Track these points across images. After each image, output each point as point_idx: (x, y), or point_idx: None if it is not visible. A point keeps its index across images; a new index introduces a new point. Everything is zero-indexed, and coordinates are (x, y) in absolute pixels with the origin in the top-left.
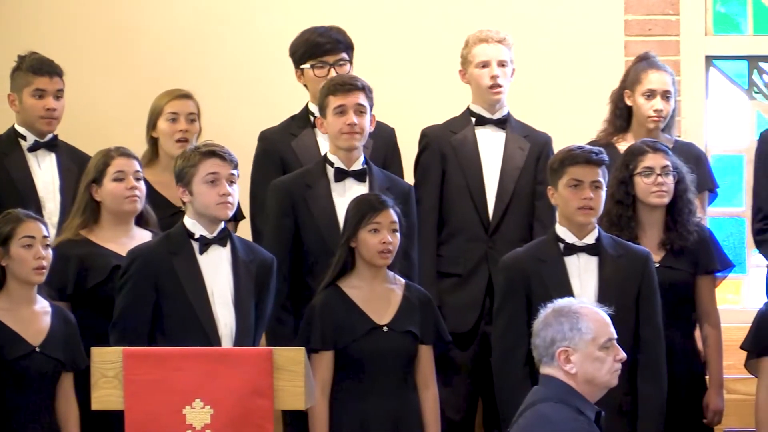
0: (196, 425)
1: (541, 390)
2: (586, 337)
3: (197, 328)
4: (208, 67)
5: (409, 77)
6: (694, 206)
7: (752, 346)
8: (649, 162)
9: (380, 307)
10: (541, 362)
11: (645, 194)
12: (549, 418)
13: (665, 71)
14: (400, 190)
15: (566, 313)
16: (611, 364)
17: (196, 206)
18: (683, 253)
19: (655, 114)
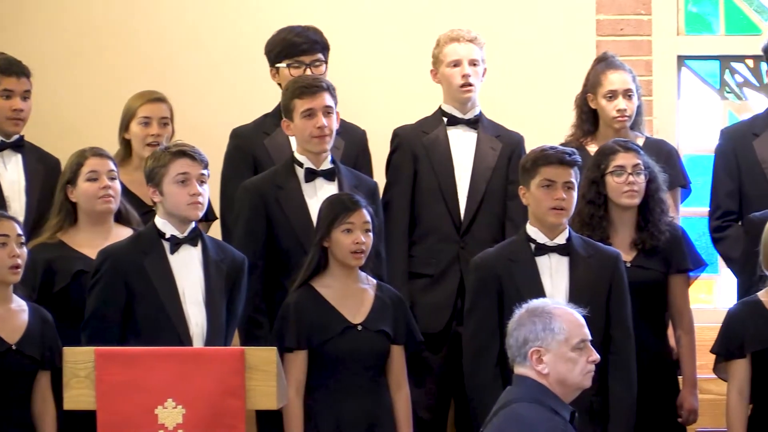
0: (168, 425)
1: (514, 390)
2: (558, 338)
3: (168, 328)
4: (180, 67)
5: (380, 77)
6: (666, 205)
7: (721, 350)
8: (620, 161)
9: (354, 306)
10: (514, 362)
11: (616, 194)
12: (524, 418)
13: (624, 70)
14: (367, 187)
15: (540, 313)
16: (584, 365)
17: (167, 206)
18: (655, 253)
19: (619, 114)
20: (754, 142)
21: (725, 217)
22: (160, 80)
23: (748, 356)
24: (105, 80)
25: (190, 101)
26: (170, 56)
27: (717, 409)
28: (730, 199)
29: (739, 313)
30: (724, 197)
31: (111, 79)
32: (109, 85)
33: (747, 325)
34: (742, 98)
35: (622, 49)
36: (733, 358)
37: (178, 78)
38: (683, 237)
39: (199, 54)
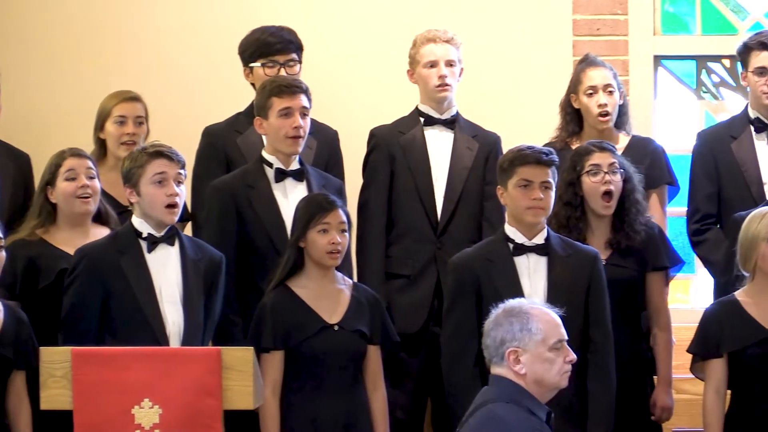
0: (144, 425)
1: (491, 390)
2: (535, 338)
3: (145, 328)
4: (154, 66)
5: (356, 77)
6: (641, 206)
7: (698, 349)
8: (595, 160)
9: (330, 306)
10: (491, 362)
11: (592, 195)
12: (501, 419)
13: (604, 67)
14: (334, 186)
15: (517, 313)
16: (561, 365)
17: (144, 207)
18: (631, 251)
19: (600, 108)
20: (732, 144)
21: (704, 220)
22: (134, 80)
23: (724, 356)
24: (79, 80)
25: (164, 101)
26: (144, 56)
27: (694, 408)
28: (709, 202)
29: (716, 312)
30: (703, 200)
31: (85, 79)
32: (83, 86)
33: (724, 324)
34: (719, 98)
35: (599, 49)
36: (709, 357)
37: (152, 78)
38: (660, 235)
39: (173, 54)
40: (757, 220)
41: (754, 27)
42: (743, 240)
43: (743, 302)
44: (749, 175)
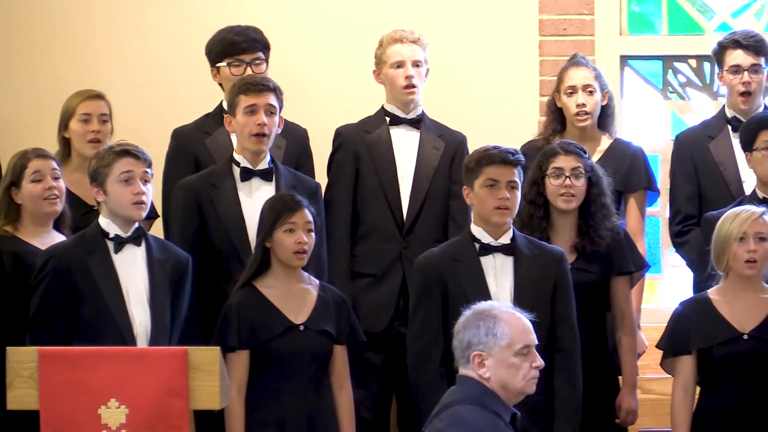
0: (111, 425)
1: (457, 391)
2: (500, 343)
3: (112, 328)
4: (120, 66)
5: (322, 76)
6: (608, 210)
7: (667, 345)
8: (559, 163)
9: (296, 306)
10: (459, 363)
11: (553, 196)
12: (465, 421)
13: (586, 66)
14: (308, 188)
15: (485, 316)
16: (527, 370)
17: (111, 206)
18: (596, 255)
19: (578, 108)
20: (710, 144)
21: (686, 221)
22: (99, 80)
23: (693, 353)
24: (42, 80)
25: (130, 101)
26: (110, 56)
27: (659, 409)
28: (690, 203)
29: (686, 309)
30: (684, 202)
31: (48, 78)
32: (46, 85)
33: (694, 321)
34: (685, 98)
35: (565, 49)
36: (679, 354)
37: (118, 78)
38: (625, 239)
39: (140, 54)
40: (730, 220)
41: (721, 27)
42: (716, 239)
43: (715, 300)
44: (728, 174)
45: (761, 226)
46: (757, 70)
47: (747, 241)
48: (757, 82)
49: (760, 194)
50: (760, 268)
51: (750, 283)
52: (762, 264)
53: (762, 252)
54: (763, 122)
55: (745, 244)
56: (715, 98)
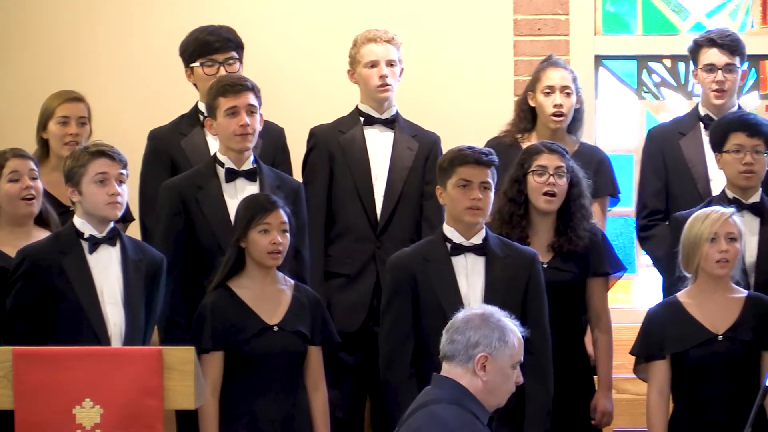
0: (86, 425)
1: (434, 391)
2: (507, 352)
3: (87, 328)
4: (97, 67)
5: (296, 76)
6: (587, 211)
7: (641, 351)
8: (543, 161)
9: (270, 307)
10: (447, 358)
11: (536, 194)
12: (442, 419)
13: (565, 69)
14: (290, 188)
15: (495, 322)
16: (512, 384)
17: (86, 206)
18: (573, 256)
19: (555, 109)
20: (681, 141)
21: (652, 216)
22: (77, 81)
23: (667, 357)
24: (20, 80)
25: (107, 102)
26: (87, 57)
27: (635, 409)
28: (657, 198)
29: (658, 314)
30: (651, 196)
31: (26, 79)
32: (24, 86)
33: (666, 326)
34: (660, 98)
35: (540, 48)
36: (653, 359)
37: (95, 79)
38: (603, 241)
39: (116, 55)
40: (700, 221)
41: (696, 27)
42: (686, 241)
43: (685, 303)
44: (696, 172)
45: (731, 227)
46: (731, 69)
47: (718, 241)
48: (731, 82)
49: (730, 194)
50: (731, 268)
51: (720, 283)
52: (733, 264)
53: (733, 252)
54: (733, 124)
55: (717, 245)
56: (690, 98)
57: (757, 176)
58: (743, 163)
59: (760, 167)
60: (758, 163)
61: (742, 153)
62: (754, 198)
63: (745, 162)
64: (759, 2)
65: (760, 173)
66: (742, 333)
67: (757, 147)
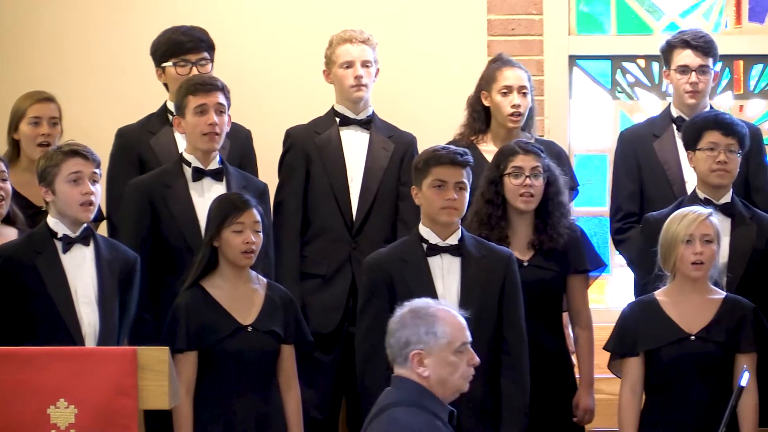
0: (60, 425)
1: (393, 393)
2: (441, 342)
3: (61, 328)
4: (67, 67)
5: (272, 77)
6: (566, 208)
7: (615, 347)
8: (518, 162)
9: (244, 307)
10: (394, 362)
11: (513, 195)
12: (402, 424)
13: (520, 68)
14: (256, 188)
15: (423, 315)
16: (464, 368)
17: (59, 206)
18: (553, 253)
19: (514, 109)
20: (654, 143)
21: (626, 219)
22: (47, 80)
23: (641, 354)
24: None
25: (77, 101)
26: (57, 57)
27: (609, 408)
28: (631, 200)
29: (633, 311)
30: (625, 199)
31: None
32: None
33: (641, 323)
34: (634, 98)
35: (514, 48)
36: (626, 356)
37: (65, 79)
38: (582, 238)
39: (87, 55)
40: (677, 221)
41: (670, 27)
42: (663, 241)
43: (662, 302)
44: (671, 174)
45: (708, 228)
46: (704, 71)
47: (693, 243)
48: (704, 83)
49: (701, 194)
50: (706, 270)
51: (696, 284)
52: (708, 266)
53: (708, 254)
54: (708, 122)
55: (692, 246)
56: (664, 98)
57: (729, 175)
58: (717, 161)
59: (733, 166)
60: (731, 162)
61: (716, 151)
62: (725, 198)
63: (719, 160)
64: (733, 2)
65: (732, 172)
66: (716, 334)
67: (731, 146)
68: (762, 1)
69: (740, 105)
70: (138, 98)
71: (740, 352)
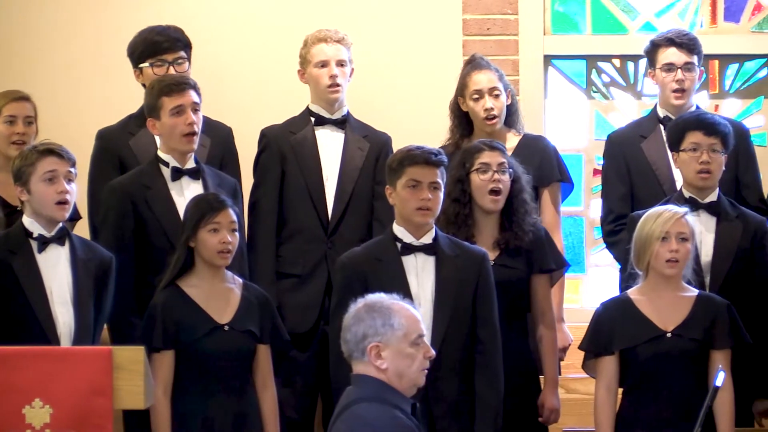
0: (35, 425)
1: (354, 391)
2: (398, 333)
3: (36, 328)
4: (42, 66)
5: (247, 76)
6: (529, 206)
7: (589, 347)
8: (485, 159)
9: (220, 306)
10: (351, 358)
11: (481, 192)
12: (367, 420)
13: (489, 69)
14: (228, 185)
15: (378, 308)
16: (421, 361)
17: (35, 205)
18: (519, 252)
19: (486, 113)
20: (642, 144)
21: (618, 221)
22: (24, 80)
23: (616, 353)
24: None
25: (53, 101)
26: (32, 56)
27: (583, 408)
28: (622, 202)
29: (608, 310)
30: (616, 201)
31: None
32: None
33: (616, 322)
34: (609, 98)
35: (489, 48)
36: (601, 355)
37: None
38: (546, 237)
39: (62, 54)
40: (652, 219)
41: (645, 27)
42: (638, 238)
43: (636, 300)
44: (661, 174)
45: (683, 226)
46: (690, 68)
47: (669, 240)
48: (690, 80)
49: (687, 194)
50: (680, 268)
51: (670, 282)
52: (683, 264)
53: (684, 252)
54: (690, 123)
55: (668, 244)
56: (639, 98)
57: (713, 176)
58: (700, 161)
59: (716, 166)
60: (715, 162)
61: (699, 152)
62: (711, 197)
63: (702, 161)
64: (708, 2)
65: (716, 173)
66: (691, 331)
67: (713, 146)
68: (737, 1)
69: (715, 105)
70: (116, 99)
71: (715, 349)
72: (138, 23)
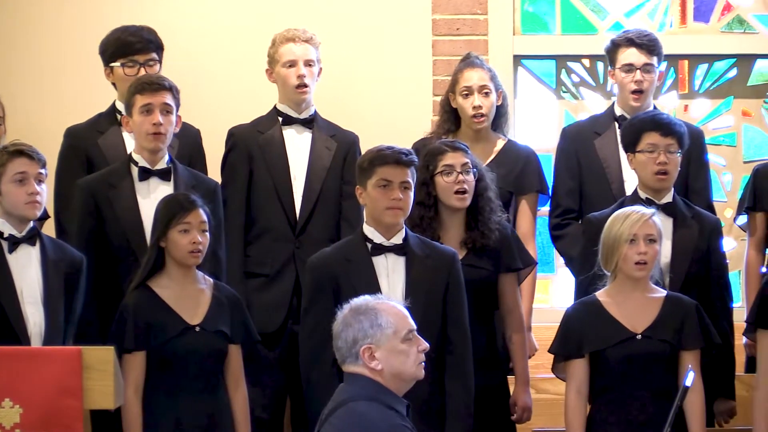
0: (5, 424)
1: (348, 388)
2: (387, 332)
3: (6, 328)
4: (10, 66)
5: (216, 76)
6: (495, 204)
7: (559, 350)
8: (449, 160)
9: (191, 306)
10: (344, 363)
11: (447, 194)
12: (364, 416)
13: (482, 68)
14: (206, 187)
15: (364, 310)
16: (416, 355)
17: (5, 206)
18: (485, 252)
19: (474, 110)
20: (596, 141)
21: (565, 215)
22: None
23: (586, 356)
24: None
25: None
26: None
27: (554, 408)
28: (570, 197)
29: (577, 313)
30: (564, 195)
31: None
32: None
33: (585, 324)
34: (579, 98)
35: (458, 48)
36: (571, 358)
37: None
38: (512, 236)
39: (33, 53)
40: (620, 221)
41: (614, 27)
42: (605, 240)
43: (604, 302)
44: (611, 173)
45: (651, 228)
46: (649, 69)
47: (637, 242)
48: (649, 82)
49: (642, 195)
50: (649, 270)
51: (638, 283)
52: (651, 265)
53: (652, 254)
54: (646, 123)
55: (636, 246)
56: (609, 98)
57: (670, 177)
58: (657, 162)
59: (673, 167)
60: (671, 163)
61: (656, 153)
62: (667, 198)
63: (659, 162)
64: (678, 2)
65: (672, 173)
66: (661, 332)
67: (670, 146)
68: (707, 1)
69: (685, 105)
70: (86, 97)
71: (685, 350)
72: (108, 23)
